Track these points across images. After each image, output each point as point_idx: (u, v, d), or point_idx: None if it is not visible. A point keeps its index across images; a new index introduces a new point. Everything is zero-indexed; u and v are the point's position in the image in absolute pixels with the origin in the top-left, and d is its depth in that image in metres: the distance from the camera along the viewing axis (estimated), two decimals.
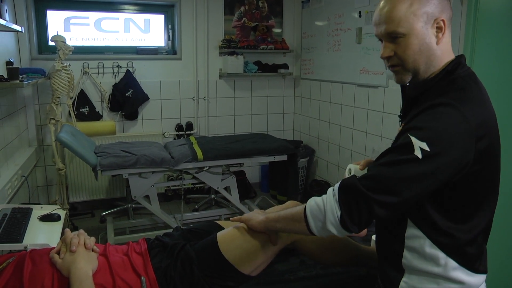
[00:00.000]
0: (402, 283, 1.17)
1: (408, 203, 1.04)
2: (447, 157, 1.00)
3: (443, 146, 0.99)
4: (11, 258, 1.38)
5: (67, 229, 1.48)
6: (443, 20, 1.10)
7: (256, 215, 1.46)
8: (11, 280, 1.28)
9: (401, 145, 1.03)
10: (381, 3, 1.14)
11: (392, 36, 1.11)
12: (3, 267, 1.34)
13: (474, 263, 1.12)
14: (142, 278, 1.38)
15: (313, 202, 1.16)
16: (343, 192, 1.08)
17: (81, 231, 1.48)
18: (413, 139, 1.00)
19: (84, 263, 1.32)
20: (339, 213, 1.07)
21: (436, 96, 1.07)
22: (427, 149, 0.99)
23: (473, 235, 1.11)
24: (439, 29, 1.10)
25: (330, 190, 1.12)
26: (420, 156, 0.99)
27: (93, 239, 1.46)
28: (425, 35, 1.10)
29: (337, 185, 1.10)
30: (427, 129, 1.01)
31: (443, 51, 1.13)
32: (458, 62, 1.13)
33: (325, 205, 1.11)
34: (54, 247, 1.44)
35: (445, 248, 1.09)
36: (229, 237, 1.47)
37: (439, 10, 1.10)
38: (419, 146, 0.99)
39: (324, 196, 1.13)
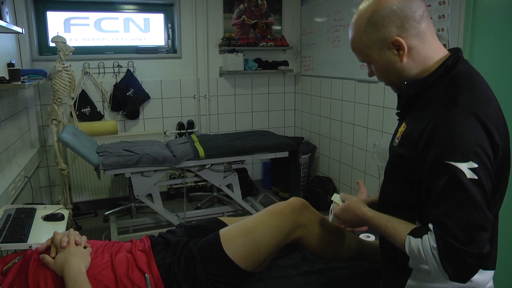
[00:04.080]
0: (409, 281, 1.17)
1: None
2: (489, 160, 0.98)
3: (482, 152, 0.97)
4: (16, 258, 1.39)
5: (55, 231, 1.46)
6: (397, 40, 1.07)
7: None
8: (17, 280, 1.29)
9: (451, 179, 0.97)
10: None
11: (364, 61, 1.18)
12: (8, 267, 1.35)
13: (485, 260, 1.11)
14: (146, 275, 1.38)
15: (414, 248, 1.03)
16: (449, 263, 0.97)
17: (71, 230, 1.47)
18: (457, 164, 0.96)
19: (77, 260, 1.33)
20: (447, 276, 0.99)
21: (443, 99, 1.04)
22: (475, 165, 0.95)
23: None
24: (398, 47, 1.09)
25: (427, 250, 1.00)
26: (475, 176, 0.95)
27: (84, 237, 1.46)
28: (385, 59, 1.12)
29: (436, 254, 0.98)
30: (460, 147, 0.97)
31: (416, 60, 1.11)
32: (457, 57, 1.10)
33: (429, 266, 1.02)
34: None
35: None
36: (232, 235, 1.47)
37: (393, 30, 1.08)
38: (467, 167, 0.95)
39: (423, 250, 1.01)
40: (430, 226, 1.01)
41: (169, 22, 4.26)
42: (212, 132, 4.47)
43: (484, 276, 1.12)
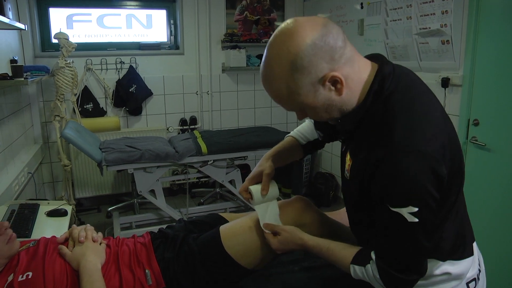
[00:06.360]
0: None
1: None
2: (432, 198, 0.95)
3: (424, 195, 0.94)
4: (31, 243, 1.41)
5: (74, 225, 1.50)
6: (333, 76, 0.93)
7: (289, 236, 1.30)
8: (32, 264, 1.30)
9: (391, 219, 0.97)
10: (261, 78, 1.01)
11: None
12: (22, 249, 1.38)
13: (454, 254, 1.10)
14: (147, 271, 1.39)
15: (360, 274, 1.09)
16: (392, 286, 1.04)
17: (88, 225, 1.50)
18: (397, 209, 0.95)
19: (94, 256, 1.34)
20: None
21: (379, 134, 0.98)
22: (416, 209, 0.93)
23: (444, 235, 1.08)
24: (334, 82, 0.95)
25: (372, 278, 1.06)
26: (416, 219, 0.94)
27: (100, 234, 1.48)
28: (322, 99, 0.97)
29: (380, 282, 1.04)
30: (397, 193, 0.94)
31: (353, 88, 0.99)
32: (381, 76, 0.99)
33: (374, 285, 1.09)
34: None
35: None
36: (232, 232, 1.46)
37: (324, 66, 0.93)
38: (408, 212, 0.94)
39: (367, 277, 1.07)
40: (373, 255, 1.05)
41: (172, 18, 4.26)
42: (215, 128, 4.47)
43: (460, 267, 1.11)
